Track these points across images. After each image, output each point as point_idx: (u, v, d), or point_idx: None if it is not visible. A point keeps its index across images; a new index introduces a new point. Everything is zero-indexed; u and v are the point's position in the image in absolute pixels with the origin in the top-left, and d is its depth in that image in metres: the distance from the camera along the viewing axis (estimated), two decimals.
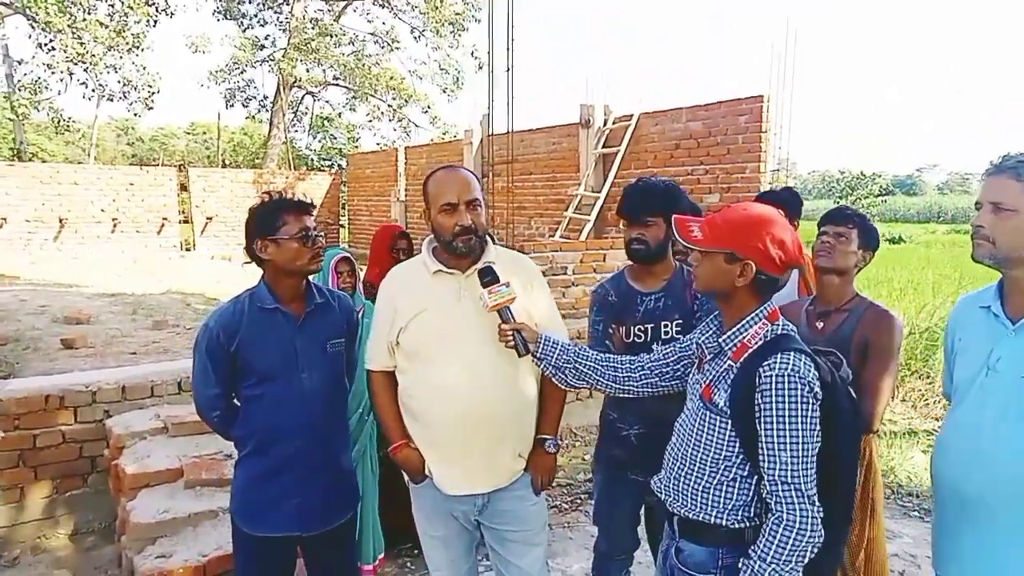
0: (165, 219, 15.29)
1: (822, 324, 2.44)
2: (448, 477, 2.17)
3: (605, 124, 9.66)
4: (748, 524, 1.71)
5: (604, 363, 2.06)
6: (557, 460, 2.31)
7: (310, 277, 2.37)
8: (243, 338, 2.24)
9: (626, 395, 2.08)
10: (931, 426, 5.69)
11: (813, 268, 2.76)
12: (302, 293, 2.32)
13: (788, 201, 3.20)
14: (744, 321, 1.72)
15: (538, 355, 2.05)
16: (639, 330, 2.48)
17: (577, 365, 2.05)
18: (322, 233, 2.31)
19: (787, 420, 1.58)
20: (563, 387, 2.15)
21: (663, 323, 2.47)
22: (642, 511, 2.70)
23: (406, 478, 2.29)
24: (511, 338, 2.02)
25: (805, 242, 2.64)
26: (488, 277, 2.05)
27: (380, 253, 3.69)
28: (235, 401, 2.37)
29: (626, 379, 2.04)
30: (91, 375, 4.56)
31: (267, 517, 2.29)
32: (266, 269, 2.30)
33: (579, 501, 4.30)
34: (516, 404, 2.19)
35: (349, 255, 3.25)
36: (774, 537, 1.59)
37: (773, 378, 1.60)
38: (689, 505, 1.76)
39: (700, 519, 1.74)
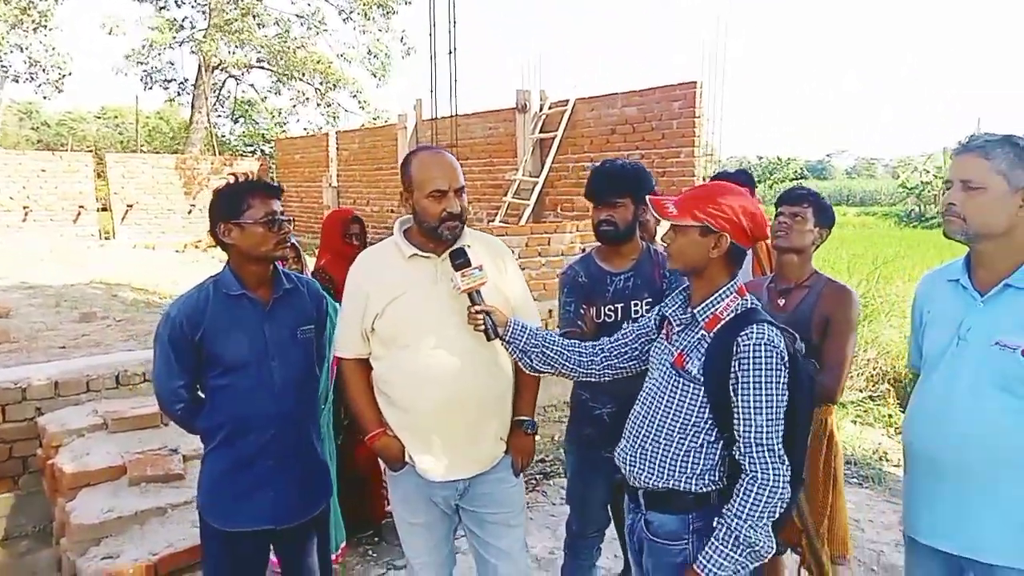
0: (82, 207, 14.53)
1: (783, 301, 2.52)
2: (431, 464, 2.14)
3: (541, 109, 9.69)
4: (714, 488, 1.79)
5: (569, 348, 2.10)
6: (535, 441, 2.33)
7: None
8: (208, 327, 2.14)
9: (590, 379, 2.12)
10: (856, 397, 5.98)
11: (769, 248, 2.86)
12: (269, 279, 2.24)
13: (743, 183, 3.28)
14: (717, 294, 1.80)
15: (506, 339, 2.07)
16: (609, 310, 2.51)
17: (544, 350, 2.07)
18: (290, 218, 2.23)
19: (763, 385, 1.68)
20: (528, 371, 2.16)
21: (633, 302, 2.51)
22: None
23: (382, 466, 2.25)
24: (480, 321, 2.03)
25: None
26: (460, 259, 2.04)
27: (332, 239, 3.59)
28: (199, 393, 2.28)
29: (589, 363, 2.08)
30: (19, 371, 4.31)
31: (239, 511, 2.20)
32: (231, 254, 2.21)
33: (536, 481, 4.33)
34: (497, 387, 2.19)
35: (295, 242, 3.14)
36: (749, 495, 1.68)
37: (751, 347, 1.69)
38: (657, 474, 1.82)
39: (669, 487, 1.81)
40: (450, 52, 6.68)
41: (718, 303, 1.79)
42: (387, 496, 2.85)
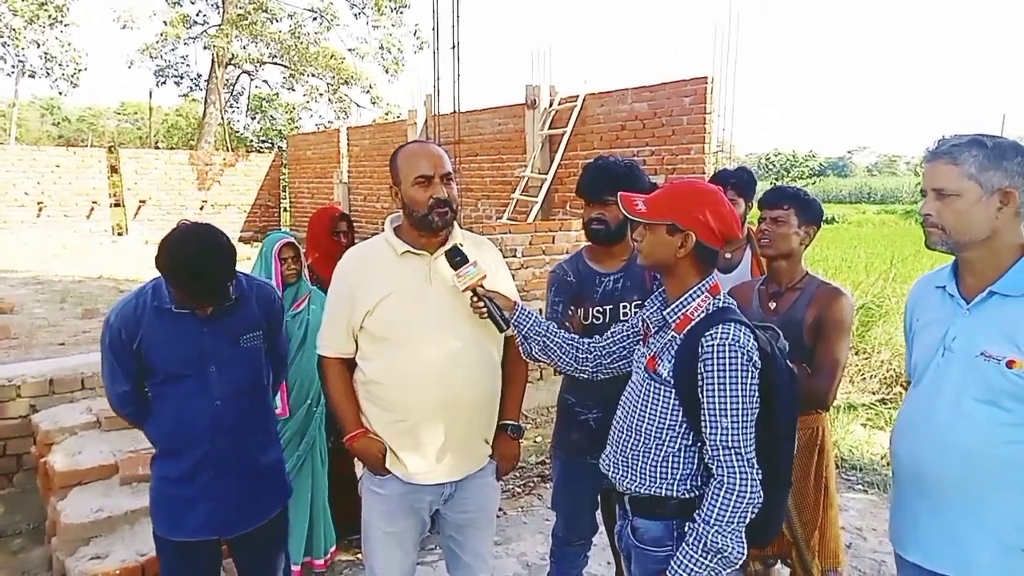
0: (95, 202, 14.62)
1: (775, 304, 2.44)
2: (423, 466, 2.08)
3: (551, 105, 9.59)
4: (697, 493, 1.75)
5: (568, 342, 2.08)
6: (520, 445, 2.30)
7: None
8: (145, 335, 2.09)
9: (582, 376, 2.10)
10: (868, 400, 5.86)
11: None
12: None
13: (744, 181, 3.19)
14: (688, 294, 1.77)
15: (512, 322, 2.06)
16: (598, 312, 2.44)
17: (545, 340, 2.07)
18: (224, 300, 2.15)
19: (728, 387, 1.64)
20: (526, 358, 2.15)
21: (622, 304, 2.43)
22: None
23: (359, 468, 2.20)
24: (485, 310, 2.00)
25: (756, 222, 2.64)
26: (457, 258, 2.01)
27: (320, 237, 3.53)
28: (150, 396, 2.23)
29: (583, 360, 2.07)
30: (14, 368, 4.30)
31: (181, 521, 2.17)
32: None
33: (532, 484, 4.27)
34: (489, 387, 2.15)
35: (293, 240, 3.09)
36: (716, 500, 1.64)
37: (715, 347, 1.65)
38: (639, 481, 1.79)
39: (651, 494, 1.78)
40: (453, 47, 6.60)
41: (688, 303, 1.76)
42: None
